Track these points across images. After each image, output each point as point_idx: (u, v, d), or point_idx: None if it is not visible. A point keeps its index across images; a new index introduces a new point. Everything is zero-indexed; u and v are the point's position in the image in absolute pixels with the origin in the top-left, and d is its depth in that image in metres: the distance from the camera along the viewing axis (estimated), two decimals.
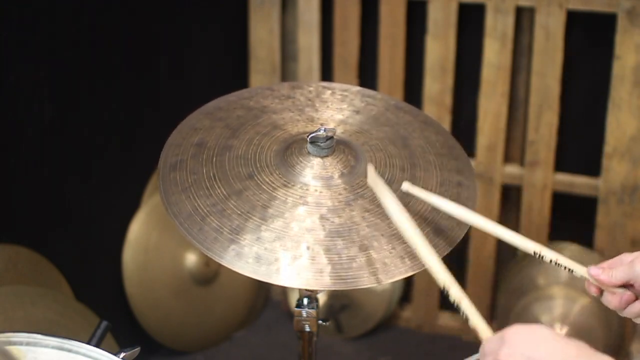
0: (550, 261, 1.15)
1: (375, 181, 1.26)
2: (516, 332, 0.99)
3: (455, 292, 1.10)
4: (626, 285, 1.13)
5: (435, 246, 1.26)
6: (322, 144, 1.32)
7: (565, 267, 1.16)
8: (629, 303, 1.12)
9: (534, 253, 1.16)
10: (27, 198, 1.97)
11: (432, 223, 1.29)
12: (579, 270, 1.16)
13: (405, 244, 1.24)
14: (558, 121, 2.34)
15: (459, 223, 1.29)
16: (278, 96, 1.49)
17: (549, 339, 0.98)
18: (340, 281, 1.20)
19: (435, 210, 1.30)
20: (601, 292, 1.16)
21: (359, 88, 1.54)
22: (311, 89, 1.51)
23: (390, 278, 1.22)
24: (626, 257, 1.14)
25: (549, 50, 2.28)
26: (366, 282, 1.20)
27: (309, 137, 1.32)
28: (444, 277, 1.12)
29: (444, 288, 1.11)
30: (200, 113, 1.46)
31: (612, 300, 1.14)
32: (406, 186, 1.28)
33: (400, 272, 1.23)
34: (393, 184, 1.32)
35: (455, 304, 1.10)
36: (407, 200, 1.30)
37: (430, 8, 2.35)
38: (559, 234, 2.41)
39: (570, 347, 0.97)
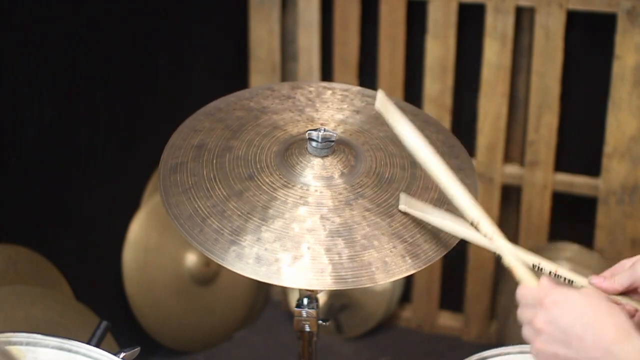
0: (550, 273, 1.13)
1: (385, 106, 1.23)
2: (557, 303, 0.97)
3: (486, 227, 1.08)
4: (630, 291, 1.11)
5: (435, 244, 1.26)
6: (320, 143, 1.32)
7: (565, 279, 1.13)
8: (631, 316, 1.10)
9: (533, 266, 1.13)
10: (27, 198, 1.97)
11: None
12: (580, 281, 1.13)
13: (406, 243, 1.25)
14: (558, 121, 2.34)
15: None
16: (278, 96, 1.49)
17: (590, 316, 0.95)
18: (341, 281, 1.20)
19: (436, 207, 1.30)
20: None
21: (359, 88, 1.54)
22: (311, 89, 1.52)
23: (391, 277, 1.22)
24: (626, 262, 1.12)
25: (549, 50, 2.28)
26: (367, 281, 1.20)
27: (307, 132, 1.32)
28: (473, 211, 1.11)
29: (472, 223, 1.10)
30: (200, 114, 1.46)
31: None
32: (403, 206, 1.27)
33: (401, 271, 1.22)
34: (394, 183, 1.33)
35: (488, 237, 1.09)
36: (410, 195, 1.31)
37: (430, 8, 2.35)
38: (559, 234, 2.41)
39: (609, 329, 0.94)
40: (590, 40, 2.32)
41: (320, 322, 1.43)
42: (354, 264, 1.21)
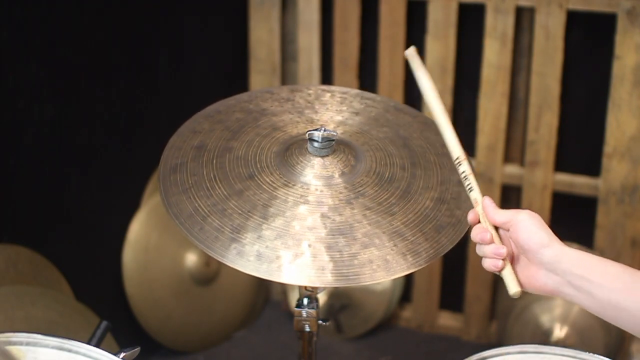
0: (462, 173, 1.24)
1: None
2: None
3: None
4: (504, 228, 1.21)
5: (437, 243, 1.27)
6: (321, 143, 1.32)
7: (468, 184, 1.23)
8: (482, 241, 1.19)
9: (456, 158, 1.25)
10: (27, 198, 1.97)
11: (434, 219, 1.30)
12: (476, 194, 1.22)
13: (407, 241, 1.25)
14: (558, 121, 2.34)
15: (461, 220, 1.29)
16: (277, 99, 1.50)
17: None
18: (342, 278, 1.20)
19: (437, 207, 1.31)
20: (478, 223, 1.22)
21: (357, 90, 1.55)
22: (310, 92, 1.52)
23: (392, 275, 1.22)
24: None
25: (549, 50, 2.28)
26: (368, 279, 1.21)
27: (308, 132, 1.33)
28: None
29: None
30: (199, 116, 1.47)
31: (475, 232, 1.20)
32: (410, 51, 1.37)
33: (401, 269, 1.23)
34: (394, 182, 1.33)
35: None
36: (410, 194, 1.31)
37: (430, 8, 2.35)
38: (559, 234, 2.40)
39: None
40: (590, 40, 2.32)
41: (320, 322, 1.44)
42: (355, 262, 1.22)
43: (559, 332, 2.27)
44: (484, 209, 1.21)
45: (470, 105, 2.41)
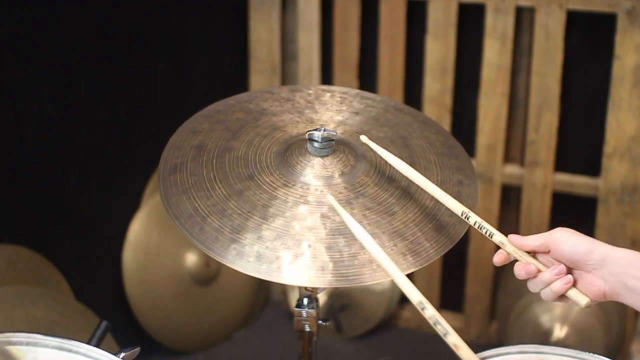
0: (475, 223, 1.23)
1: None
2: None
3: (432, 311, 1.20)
4: (541, 251, 1.19)
5: (436, 242, 1.27)
6: (321, 143, 1.32)
7: (486, 231, 1.21)
8: (529, 275, 1.18)
9: (462, 213, 1.24)
10: (27, 198, 1.97)
11: (434, 219, 1.30)
12: (499, 236, 1.21)
13: (407, 241, 1.25)
14: (558, 121, 2.34)
15: (461, 220, 1.29)
16: (277, 99, 1.50)
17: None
18: (342, 278, 1.20)
19: (437, 206, 1.31)
20: (506, 261, 1.21)
21: (357, 90, 1.55)
22: (310, 91, 1.52)
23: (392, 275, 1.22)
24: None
25: (549, 50, 2.28)
26: (368, 279, 1.21)
27: (308, 132, 1.33)
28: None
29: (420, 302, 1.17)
30: (199, 116, 1.47)
31: (518, 269, 1.19)
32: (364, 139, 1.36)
33: (402, 269, 1.22)
34: (394, 182, 1.33)
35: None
36: (410, 193, 1.31)
37: (430, 8, 2.35)
38: None
39: None
40: (590, 40, 2.32)
41: (320, 322, 1.44)
42: (355, 262, 1.22)
43: (559, 332, 2.27)
44: (514, 244, 1.20)
45: (470, 105, 2.41)
